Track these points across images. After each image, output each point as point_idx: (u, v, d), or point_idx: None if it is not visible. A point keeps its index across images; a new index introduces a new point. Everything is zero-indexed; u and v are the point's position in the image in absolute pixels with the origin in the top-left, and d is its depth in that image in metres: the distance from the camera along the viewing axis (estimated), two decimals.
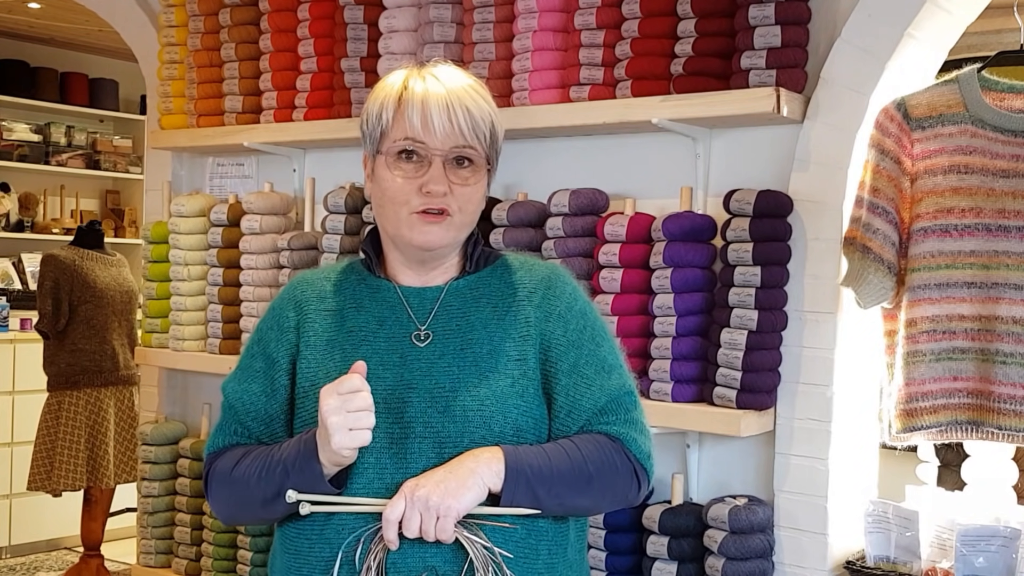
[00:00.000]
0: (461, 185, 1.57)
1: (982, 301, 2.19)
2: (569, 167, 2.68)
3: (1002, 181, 2.17)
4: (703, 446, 2.48)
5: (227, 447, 1.64)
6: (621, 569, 2.42)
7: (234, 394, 1.64)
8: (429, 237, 1.57)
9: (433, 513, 1.43)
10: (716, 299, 2.33)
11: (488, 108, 1.59)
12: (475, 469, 1.46)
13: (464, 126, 1.55)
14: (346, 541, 1.49)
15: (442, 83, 1.57)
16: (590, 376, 1.58)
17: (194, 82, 3.30)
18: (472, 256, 1.65)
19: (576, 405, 1.57)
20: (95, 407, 4.96)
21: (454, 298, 1.62)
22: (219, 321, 3.17)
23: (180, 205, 3.28)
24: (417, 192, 1.55)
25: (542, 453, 1.51)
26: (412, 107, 1.55)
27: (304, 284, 1.68)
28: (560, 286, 1.64)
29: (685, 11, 2.37)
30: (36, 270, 5.50)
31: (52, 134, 6.85)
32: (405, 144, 1.56)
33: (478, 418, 1.51)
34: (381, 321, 1.60)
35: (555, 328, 1.59)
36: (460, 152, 1.56)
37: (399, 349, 1.57)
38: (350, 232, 2.88)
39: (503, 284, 1.63)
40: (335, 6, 2.97)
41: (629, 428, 1.58)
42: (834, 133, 2.29)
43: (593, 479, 1.53)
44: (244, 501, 1.58)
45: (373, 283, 1.64)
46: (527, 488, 1.48)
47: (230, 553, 3.17)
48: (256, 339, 1.67)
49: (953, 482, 2.51)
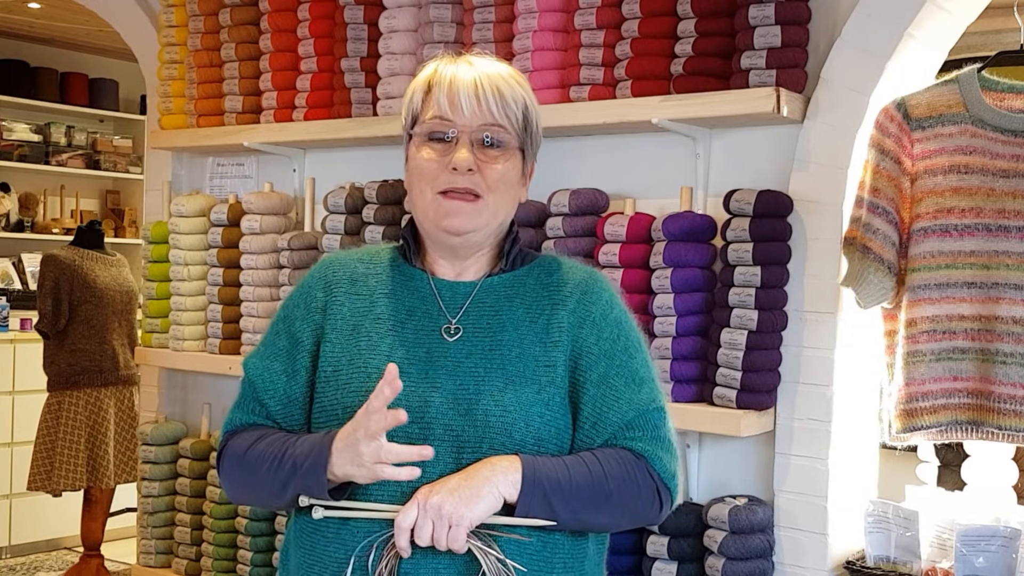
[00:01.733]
0: (489, 163, 1.53)
1: (982, 301, 2.19)
2: (569, 167, 2.68)
3: (1002, 181, 2.17)
4: (703, 446, 2.48)
5: (245, 426, 1.61)
6: (621, 569, 2.42)
7: (255, 371, 1.61)
8: (456, 221, 1.53)
9: (445, 522, 1.40)
10: (716, 299, 2.33)
11: (522, 92, 1.57)
12: (491, 478, 1.43)
13: (493, 105, 1.52)
14: (360, 546, 1.46)
15: (474, 67, 1.55)
16: (619, 388, 1.54)
17: (194, 82, 3.30)
18: (509, 254, 1.61)
19: (602, 417, 1.53)
20: (95, 407, 4.96)
21: (487, 295, 1.58)
22: (219, 321, 3.17)
23: (180, 205, 3.28)
24: (444, 170, 1.52)
25: (562, 465, 1.47)
26: (440, 88, 1.54)
27: (336, 264, 1.64)
28: (597, 292, 1.60)
29: (685, 11, 2.37)
30: (36, 270, 5.51)
31: (52, 134, 6.85)
32: (433, 124, 1.54)
33: (499, 424, 1.48)
34: (411, 311, 1.57)
35: (588, 335, 1.55)
36: (488, 130, 1.53)
37: (426, 343, 1.54)
38: (350, 232, 2.88)
39: (539, 285, 1.60)
40: (335, 6, 2.97)
41: (655, 446, 1.53)
42: (834, 133, 2.29)
43: (613, 496, 1.48)
44: (252, 487, 1.57)
45: (407, 271, 1.61)
46: (543, 500, 1.44)
47: (230, 553, 3.17)
48: (282, 316, 1.64)
49: (953, 482, 2.51)
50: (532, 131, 1.59)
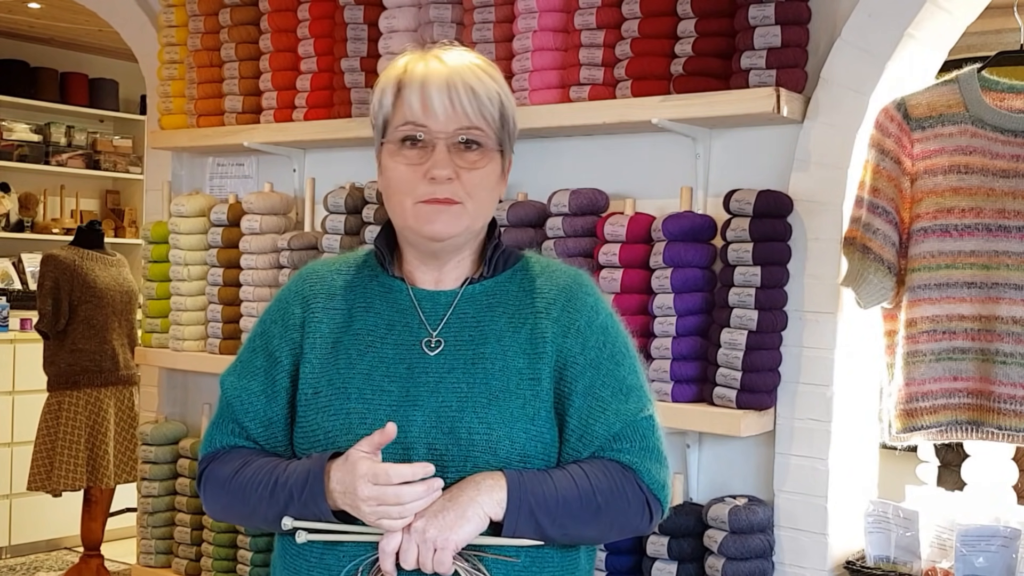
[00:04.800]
0: (469, 169, 1.47)
1: (982, 301, 2.19)
2: (569, 167, 2.68)
3: (1002, 181, 2.17)
4: (703, 446, 2.48)
5: (224, 448, 1.56)
6: (621, 569, 2.42)
7: (232, 391, 1.57)
8: (437, 226, 1.47)
9: (430, 545, 1.37)
10: (716, 299, 2.33)
11: (496, 88, 1.49)
12: (475, 498, 1.39)
13: (468, 106, 1.45)
14: (345, 569, 1.43)
15: (444, 63, 1.47)
16: (606, 399, 1.49)
17: (194, 82, 3.30)
18: (491, 259, 1.55)
19: (589, 430, 1.48)
20: (95, 407, 4.96)
21: (469, 305, 1.53)
22: (219, 321, 3.17)
23: (180, 205, 3.28)
24: (422, 179, 1.46)
25: (548, 481, 1.44)
26: (411, 90, 1.46)
27: (314, 277, 1.59)
28: (581, 297, 1.54)
29: (685, 11, 2.37)
30: (36, 270, 5.50)
31: (52, 134, 6.84)
32: (406, 130, 1.47)
33: (484, 443, 1.44)
34: (391, 325, 1.52)
35: (573, 345, 1.50)
36: (466, 134, 1.46)
37: (407, 358, 1.49)
38: (350, 232, 2.88)
39: (521, 292, 1.54)
40: (335, 6, 2.97)
41: (644, 457, 1.49)
42: (834, 133, 2.29)
43: (601, 510, 1.45)
44: (242, 513, 1.53)
45: (386, 282, 1.56)
46: (530, 518, 1.41)
47: (230, 553, 3.17)
48: (259, 331, 1.59)
49: (953, 482, 2.51)
50: (509, 127, 1.52)
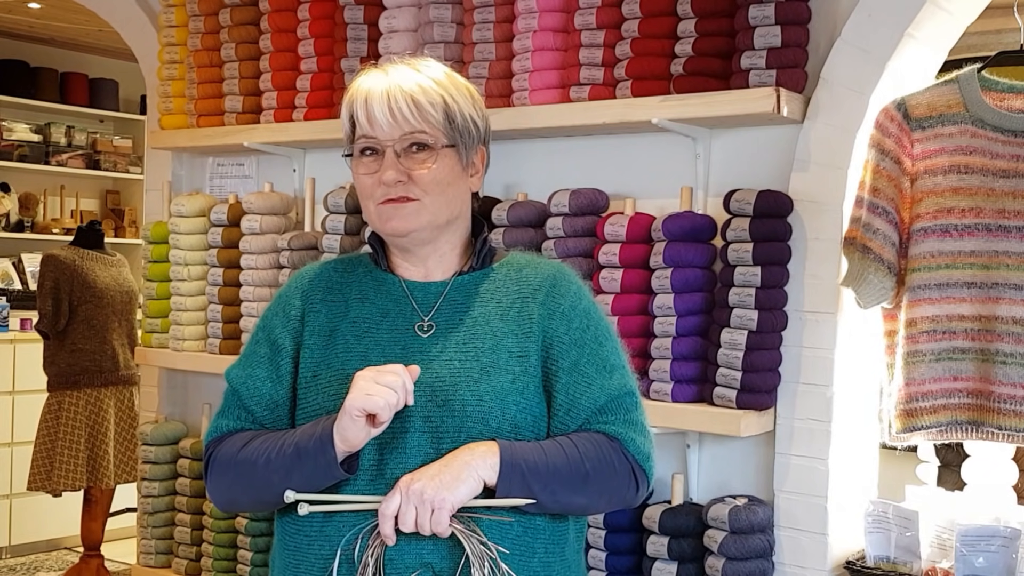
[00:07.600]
0: (419, 169, 1.58)
1: (982, 301, 2.19)
2: (569, 167, 2.68)
3: (1002, 181, 2.17)
4: (703, 446, 2.48)
5: (230, 432, 1.63)
6: (621, 569, 2.42)
7: (238, 379, 1.65)
8: (395, 223, 1.59)
9: (428, 506, 1.44)
10: (716, 299, 2.33)
11: (438, 90, 1.59)
12: (470, 462, 1.47)
13: (408, 114, 1.56)
14: (345, 538, 1.50)
15: (388, 77, 1.60)
16: (591, 375, 1.58)
17: (194, 82, 3.30)
18: (479, 253, 1.66)
19: (575, 403, 1.57)
20: (95, 407, 4.96)
21: (459, 293, 1.63)
22: (219, 321, 3.17)
23: (180, 205, 3.28)
24: (379, 184, 1.59)
25: (538, 449, 1.52)
26: (358, 106, 1.60)
27: (311, 274, 1.70)
28: (565, 284, 1.64)
29: (685, 11, 2.37)
30: (36, 270, 5.50)
31: (52, 134, 6.84)
32: (361, 143, 1.60)
33: (476, 413, 1.52)
34: (385, 313, 1.62)
35: (558, 326, 1.60)
36: (411, 139, 1.58)
37: (401, 340, 1.59)
38: (350, 232, 2.88)
39: (509, 281, 1.64)
40: (335, 6, 2.97)
41: (628, 428, 1.58)
42: (834, 133, 2.29)
43: (590, 477, 1.53)
44: (247, 484, 1.57)
45: (379, 276, 1.67)
46: (522, 482, 1.49)
47: (230, 553, 3.17)
48: (261, 326, 1.68)
49: (953, 482, 2.51)
50: (458, 122, 1.60)
